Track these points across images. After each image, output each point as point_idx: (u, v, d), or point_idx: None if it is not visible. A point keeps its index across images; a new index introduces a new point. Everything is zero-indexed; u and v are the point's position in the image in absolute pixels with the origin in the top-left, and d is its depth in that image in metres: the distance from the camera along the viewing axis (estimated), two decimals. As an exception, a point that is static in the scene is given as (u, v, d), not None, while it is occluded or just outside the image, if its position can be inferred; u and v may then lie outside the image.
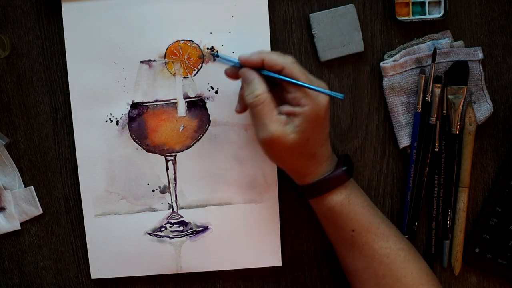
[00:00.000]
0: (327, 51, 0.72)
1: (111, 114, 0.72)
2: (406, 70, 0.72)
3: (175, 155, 0.73)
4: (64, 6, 0.71)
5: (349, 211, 0.66)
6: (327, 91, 0.62)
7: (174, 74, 0.72)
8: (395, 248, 0.66)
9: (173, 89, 0.72)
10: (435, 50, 0.70)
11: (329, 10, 0.71)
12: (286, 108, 0.62)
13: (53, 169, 0.74)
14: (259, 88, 0.62)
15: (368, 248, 0.66)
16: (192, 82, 0.72)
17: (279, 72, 0.62)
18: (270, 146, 0.63)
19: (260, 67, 0.63)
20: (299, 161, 0.65)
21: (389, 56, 0.72)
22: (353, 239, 0.66)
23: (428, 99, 0.71)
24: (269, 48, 0.71)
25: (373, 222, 0.66)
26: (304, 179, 0.66)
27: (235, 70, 0.65)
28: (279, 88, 0.64)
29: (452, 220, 0.74)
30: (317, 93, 0.61)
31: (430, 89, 0.71)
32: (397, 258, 0.66)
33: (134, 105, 0.72)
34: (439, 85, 0.71)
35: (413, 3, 0.72)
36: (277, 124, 0.61)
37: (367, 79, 0.73)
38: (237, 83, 0.72)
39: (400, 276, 0.65)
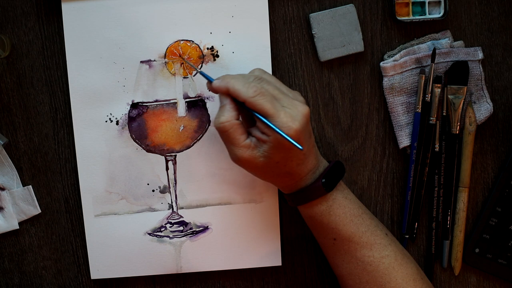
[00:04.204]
0: (327, 51, 0.72)
1: (111, 114, 0.72)
2: (406, 70, 0.72)
3: (175, 155, 0.73)
4: (64, 6, 0.71)
5: (330, 221, 0.66)
6: (283, 134, 0.60)
7: (174, 74, 0.72)
8: (378, 256, 0.66)
9: (173, 89, 0.72)
10: (434, 50, 0.70)
11: (329, 10, 0.71)
12: (255, 132, 0.63)
13: (53, 169, 0.74)
14: (225, 115, 0.62)
15: (350, 256, 0.67)
16: (192, 82, 0.72)
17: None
18: (242, 166, 0.65)
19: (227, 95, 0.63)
20: (274, 178, 0.65)
21: (389, 56, 0.72)
22: (335, 246, 0.67)
23: (428, 99, 0.71)
24: (269, 50, 0.71)
25: (355, 231, 0.66)
26: (284, 189, 0.67)
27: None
28: None
29: (452, 220, 0.74)
30: (283, 122, 0.60)
31: (430, 89, 0.71)
32: (381, 266, 0.66)
33: (134, 105, 0.72)
34: (439, 85, 0.71)
35: (413, 3, 0.72)
36: (244, 149, 0.62)
37: (367, 79, 0.73)
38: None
39: (383, 283, 0.66)
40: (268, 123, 0.60)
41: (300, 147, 0.60)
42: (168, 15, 0.71)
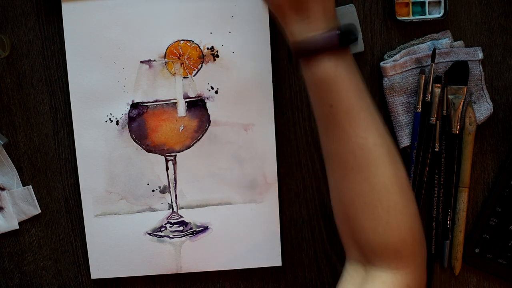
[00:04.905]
0: (327, 51, 0.72)
1: (111, 114, 0.72)
2: (406, 70, 0.72)
3: (175, 155, 0.73)
4: (64, 6, 0.71)
5: (331, 83, 0.58)
6: None
7: (174, 74, 0.72)
8: (372, 142, 0.58)
9: (173, 89, 0.72)
10: (434, 50, 0.70)
11: (329, 10, 0.71)
12: None
13: (53, 169, 0.74)
14: None
15: (341, 131, 0.59)
16: (192, 82, 0.72)
17: None
18: None
19: None
20: (290, 10, 0.58)
21: (389, 56, 0.72)
22: (329, 116, 0.59)
23: (428, 99, 0.71)
24: (269, 50, 0.71)
25: (354, 104, 0.58)
26: (294, 34, 0.59)
27: None
28: None
29: (452, 220, 0.74)
30: None
31: (430, 89, 0.71)
32: (371, 154, 0.58)
33: (134, 105, 0.72)
34: (439, 85, 0.71)
35: (413, 3, 0.72)
36: None
37: (367, 79, 0.73)
38: (237, 84, 0.72)
39: (368, 176, 0.58)
40: None
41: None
42: (168, 15, 0.71)
